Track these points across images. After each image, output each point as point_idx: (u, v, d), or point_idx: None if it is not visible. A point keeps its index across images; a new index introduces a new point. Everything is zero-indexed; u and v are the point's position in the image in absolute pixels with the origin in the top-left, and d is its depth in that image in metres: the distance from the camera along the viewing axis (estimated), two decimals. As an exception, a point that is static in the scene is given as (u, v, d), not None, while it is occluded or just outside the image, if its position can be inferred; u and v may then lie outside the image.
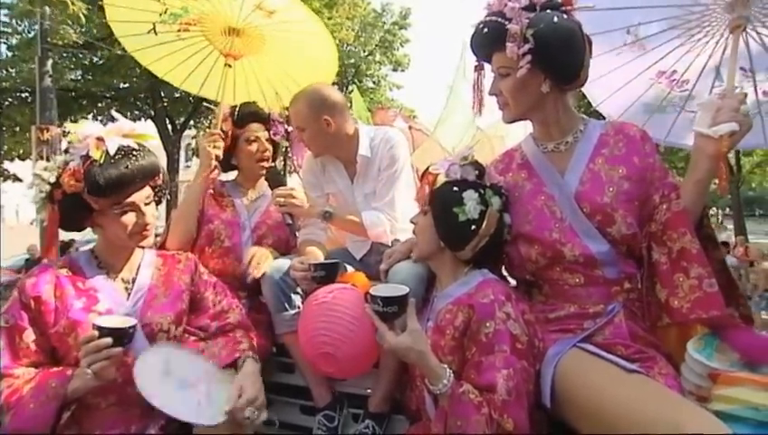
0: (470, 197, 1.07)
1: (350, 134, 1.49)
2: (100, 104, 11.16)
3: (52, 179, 1.01)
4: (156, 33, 1.70)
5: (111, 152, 1.01)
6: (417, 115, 13.34)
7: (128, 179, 1.03)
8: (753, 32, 1.31)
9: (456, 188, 1.08)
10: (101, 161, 1.00)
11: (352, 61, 13.60)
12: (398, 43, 14.36)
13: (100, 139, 1.02)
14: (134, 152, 1.05)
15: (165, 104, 11.06)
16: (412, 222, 1.19)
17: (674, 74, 1.49)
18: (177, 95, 10.71)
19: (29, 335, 1.00)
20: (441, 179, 1.11)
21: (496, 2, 1.07)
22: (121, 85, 10.78)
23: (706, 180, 1.03)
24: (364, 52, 13.89)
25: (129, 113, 10.99)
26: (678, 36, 1.37)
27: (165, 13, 1.66)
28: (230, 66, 1.68)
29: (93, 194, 1.00)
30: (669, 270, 0.99)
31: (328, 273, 1.18)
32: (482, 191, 1.09)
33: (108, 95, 11.04)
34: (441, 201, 1.10)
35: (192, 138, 13.76)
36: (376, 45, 13.99)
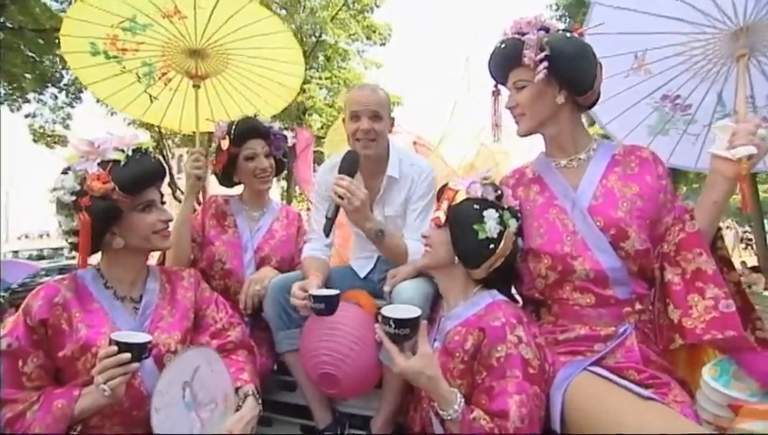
0: (491, 216, 1.06)
1: (387, 145, 1.41)
2: None
3: (77, 188, 1.00)
4: (157, 98, 1.78)
5: (130, 154, 1.06)
6: (402, 103, 11.29)
7: (151, 174, 1.09)
8: (753, 59, 1.34)
9: (476, 206, 1.07)
10: (125, 162, 1.04)
11: (307, 27, 9.70)
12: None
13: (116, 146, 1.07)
14: (147, 153, 1.10)
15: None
16: (424, 236, 1.17)
17: (677, 99, 1.51)
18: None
19: (34, 359, 0.97)
20: (460, 197, 1.09)
21: (513, 25, 1.11)
22: None
23: (722, 202, 1.03)
24: (326, 11, 9.91)
25: None
26: (683, 62, 1.40)
27: (139, 80, 1.71)
28: (198, 87, 1.66)
29: (124, 190, 1.02)
30: (683, 290, 0.97)
31: (327, 306, 1.13)
32: (501, 212, 1.08)
33: None
34: (461, 217, 1.08)
35: (42, 122, 8.94)
36: (342, 5, 10.28)
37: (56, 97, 9.18)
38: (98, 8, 1.52)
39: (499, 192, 1.11)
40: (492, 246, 1.05)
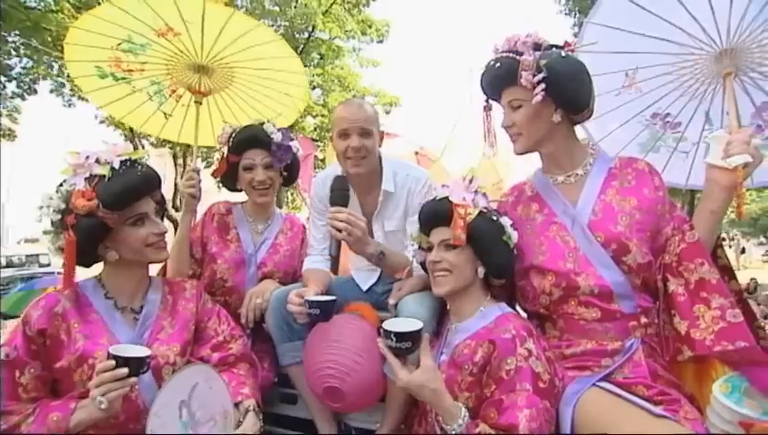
0: (507, 223, 1.07)
1: (379, 158, 1.39)
2: None
3: (62, 206, 0.99)
4: (171, 115, 1.80)
5: (116, 167, 1.02)
6: (401, 103, 10.83)
7: (137, 188, 1.04)
8: (737, 78, 1.41)
9: (494, 218, 1.08)
10: (109, 176, 1.00)
11: (300, 22, 9.09)
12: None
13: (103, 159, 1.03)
14: (137, 164, 1.07)
15: None
16: (435, 261, 1.10)
17: (668, 117, 1.56)
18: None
19: (30, 370, 0.96)
20: (470, 212, 1.07)
21: (506, 42, 1.13)
22: None
23: (721, 211, 1.04)
24: (318, 2, 9.15)
25: None
26: (672, 81, 1.45)
27: (151, 99, 1.73)
28: (200, 103, 1.67)
29: (108, 207, 0.99)
30: (688, 301, 0.97)
31: (322, 311, 1.12)
32: (503, 215, 1.10)
33: None
34: (488, 233, 1.07)
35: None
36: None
37: (4, 87, 8.09)
38: (92, 32, 1.54)
39: (485, 196, 1.13)
40: (516, 251, 1.09)
